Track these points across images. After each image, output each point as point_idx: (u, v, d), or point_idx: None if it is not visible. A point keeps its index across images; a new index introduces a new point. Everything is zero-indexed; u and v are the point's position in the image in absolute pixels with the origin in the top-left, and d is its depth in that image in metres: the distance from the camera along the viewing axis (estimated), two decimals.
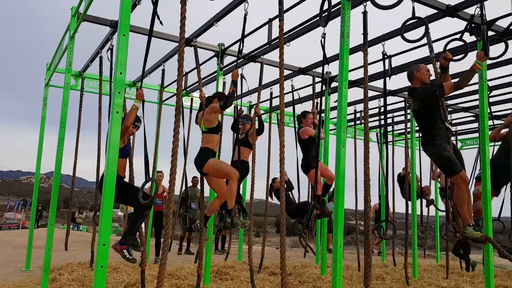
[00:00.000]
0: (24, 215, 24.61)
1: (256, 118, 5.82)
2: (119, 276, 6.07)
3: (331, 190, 7.84)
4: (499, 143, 6.27)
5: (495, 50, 5.16)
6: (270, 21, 5.66)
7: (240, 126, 5.89)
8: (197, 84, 8.06)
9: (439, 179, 8.56)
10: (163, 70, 7.06)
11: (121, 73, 3.25)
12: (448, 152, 4.32)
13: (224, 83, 6.93)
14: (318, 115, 6.40)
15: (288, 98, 8.53)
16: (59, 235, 9.39)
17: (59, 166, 5.48)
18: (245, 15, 4.86)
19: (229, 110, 9.08)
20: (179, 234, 11.50)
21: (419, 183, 8.43)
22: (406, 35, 4.76)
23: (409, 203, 7.62)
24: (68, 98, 5.60)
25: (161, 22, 4.16)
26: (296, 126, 6.92)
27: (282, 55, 3.98)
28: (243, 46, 5.07)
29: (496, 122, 9.45)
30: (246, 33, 5.00)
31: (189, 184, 10.22)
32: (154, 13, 4.10)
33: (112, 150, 3.16)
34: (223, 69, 6.46)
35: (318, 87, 7.53)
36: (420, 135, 4.85)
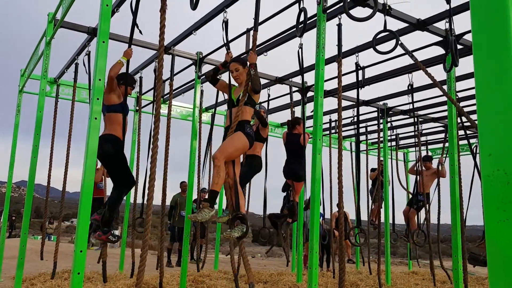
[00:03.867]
0: None
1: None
2: (93, 286, 5.98)
3: (307, 198, 7.94)
4: None
5: (466, 63, 5.40)
6: (248, 31, 5.75)
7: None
8: (175, 91, 8.09)
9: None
10: (141, 78, 7.06)
11: (100, 80, 3.27)
12: None
13: (202, 91, 6.98)
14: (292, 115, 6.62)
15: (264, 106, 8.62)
16: (30, 245, 9.15)
17: (33, 174, 5.40)
18: (226, 22, 4.89)
19: (207, 118, 9.12)
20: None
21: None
22: (379, 47, 4.93)
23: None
24: (44, 105, 5.55)
25: (140, 32, 4.20)
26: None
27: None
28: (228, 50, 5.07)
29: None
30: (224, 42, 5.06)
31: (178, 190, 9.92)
32: (134, 23, 4.14)
33: (90, 157, 3.15)
34: (201, 77, 6.51)
35: (294, 96, 7.66)
36: (393, 144, 5.04)
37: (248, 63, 4.00)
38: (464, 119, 5.37)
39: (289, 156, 6.44)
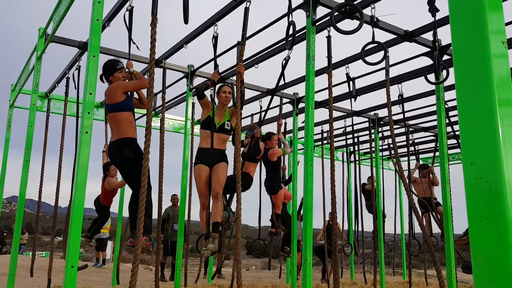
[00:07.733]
0: None
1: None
2: None
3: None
4: None
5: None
6: (238, 43, 5.78)
7: (246, 139, 5.52)
8: (166, 104, 8.10)
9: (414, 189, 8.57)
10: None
11: (90, 94, 3.27)
12: None
13: (193, 103, 6.99)
14: (283, 127, 6.60)
15: (256, 118, 8.64)
16: (21, 261, 9.02)
17: (24, 189, 5.36)
18: (216, 37, 4.93)
19: (198, 130, 9.10)
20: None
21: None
22: (369, 58, 4.98)
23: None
24: (34, 119, 5.53)
25: (137, 48, 4.23)
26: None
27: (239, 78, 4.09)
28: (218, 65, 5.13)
29: (455, 141, 9.89)
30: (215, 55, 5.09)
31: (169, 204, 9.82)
32: (129, 38, 4.16)
33: (81, 172, 3.14)
34: (193, 90, 6.54)
35: (286, 108, 7.69)
36: (384, 154, 5.13)
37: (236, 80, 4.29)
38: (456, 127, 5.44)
39: (266, 172, 6.36)
